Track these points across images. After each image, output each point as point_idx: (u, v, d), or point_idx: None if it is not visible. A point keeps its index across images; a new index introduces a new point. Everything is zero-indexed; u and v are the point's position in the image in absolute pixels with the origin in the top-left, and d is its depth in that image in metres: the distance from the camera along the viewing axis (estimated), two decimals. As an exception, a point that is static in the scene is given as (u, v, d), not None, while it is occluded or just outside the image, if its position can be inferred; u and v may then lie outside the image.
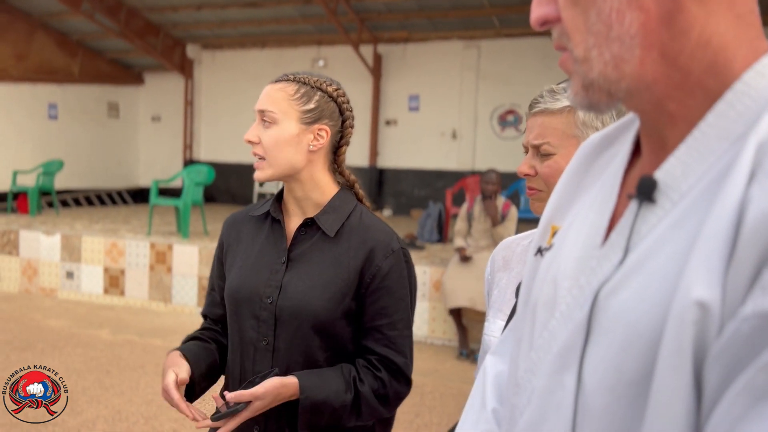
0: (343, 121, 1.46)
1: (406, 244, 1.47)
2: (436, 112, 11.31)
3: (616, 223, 0.64)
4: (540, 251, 0.77)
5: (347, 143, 1.49)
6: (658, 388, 0.52)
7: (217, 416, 1.27)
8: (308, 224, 1.43)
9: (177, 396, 1.31)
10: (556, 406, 0.62)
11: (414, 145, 11.43)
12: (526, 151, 1.24)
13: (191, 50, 12.67)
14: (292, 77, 1.43)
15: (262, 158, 1.41)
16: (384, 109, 11.65)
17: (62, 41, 12.07)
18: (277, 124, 1.39)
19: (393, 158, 11.57)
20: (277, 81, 1.43)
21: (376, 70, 11.41)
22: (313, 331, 1.36)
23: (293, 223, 1.46)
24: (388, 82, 11.56)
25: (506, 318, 1.23)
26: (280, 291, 1.39)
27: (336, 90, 1.45)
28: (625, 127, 0.74)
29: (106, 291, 7.17)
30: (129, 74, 13.58)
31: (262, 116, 1.41)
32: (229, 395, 1.26)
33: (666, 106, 0.60)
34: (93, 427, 3.80)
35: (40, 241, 7.45)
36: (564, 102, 1.16)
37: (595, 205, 0.69)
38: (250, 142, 1.41)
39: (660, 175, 0.59)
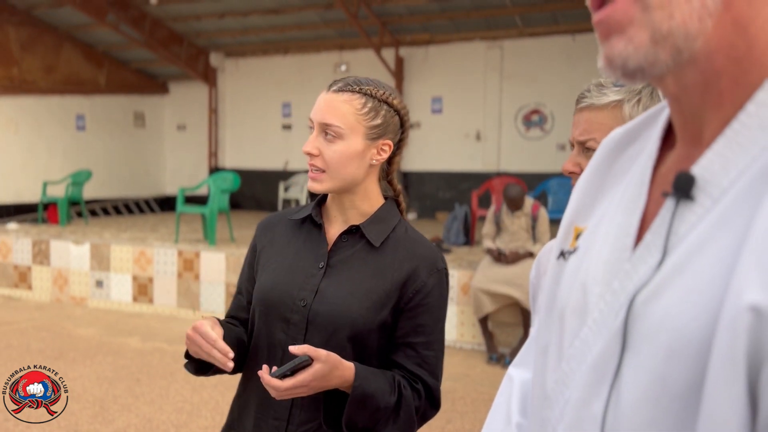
0: (402, 133, 1.43)
1: (447, 266, 1.44)
2: (459, 114, 11.25)
3: (648, 223, 0.60)
4: (563, 254, 0.72)
5: (401, 153, 1.45)
6: (709, 401, 0.48)
7: (277, 373, 1.18)
8: (352, 231, 1.39)
9: (213, 334, 1.23)
10: (593, 419, 0.59)
11: (438, 148, 11.38)
12: (572, 147, 1.21)
13: (215, 58, 12.78)
14: (357, 88, 1.35)
15: (320, 170, 1.35)
16: (407, 112, 11.59)
17: (89, 53, 12.26)
18: (343, 140, 1.33)
19: (417, 161, 11.53)
20: (340, 90, 1.36)
21: (398, 73, 11.38)
22: (346, 339, 1.32)
23: (334, 229, 1.42)
24: (410, 84, 11.53)
25: None
26: (316, 295, 1.35)
27: (400, 103, 1.40)
28: (648, 121, 0.70)
29: (135, 299, 7.24)
30: (154, 84, 13.74)
31: (324, 128, 1.34)
32: (293, 348, 1.19)
33: (718, 82, 0.54)
34: (123, 435, 3.82)
35: (70, 251, 7.54)
36: (611, 97, 1.13)
37: (622, 205, 0.65)
38: (309, 154, 1.35)
39: (697, 170, 0.55)
